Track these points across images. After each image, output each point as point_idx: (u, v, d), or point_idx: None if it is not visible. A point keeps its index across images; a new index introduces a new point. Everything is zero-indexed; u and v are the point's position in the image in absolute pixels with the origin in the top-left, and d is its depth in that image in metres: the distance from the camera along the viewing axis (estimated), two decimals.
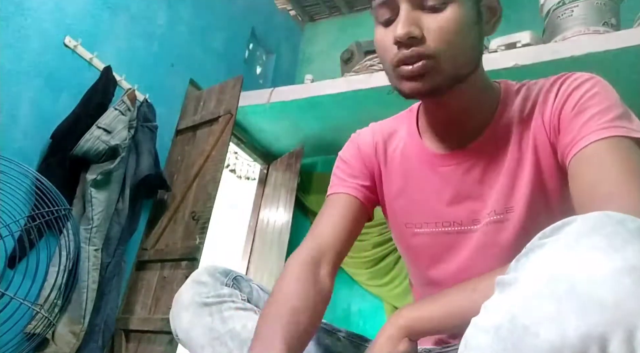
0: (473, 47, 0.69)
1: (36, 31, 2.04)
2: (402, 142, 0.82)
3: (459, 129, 0.75)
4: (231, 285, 0.78)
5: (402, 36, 0.64)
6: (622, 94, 0.68)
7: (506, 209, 0.71)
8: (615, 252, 0.37)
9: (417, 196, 0.79)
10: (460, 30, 0.66)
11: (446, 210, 0.76)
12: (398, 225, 0.83)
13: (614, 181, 0.58)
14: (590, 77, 0.69)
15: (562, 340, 0.36)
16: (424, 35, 0.65)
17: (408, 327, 0.62)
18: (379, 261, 3.03)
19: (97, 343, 2.02)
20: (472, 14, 0.67)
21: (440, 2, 0.65)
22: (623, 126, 0.62)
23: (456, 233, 0.75)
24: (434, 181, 0.77)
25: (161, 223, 2.47)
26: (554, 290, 0.38)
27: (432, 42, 0.65)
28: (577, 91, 0.68)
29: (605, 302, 0.35)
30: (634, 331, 0.34)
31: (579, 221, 0.42)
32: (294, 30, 4.14)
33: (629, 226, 0.39)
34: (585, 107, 0.65)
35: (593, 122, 0.63)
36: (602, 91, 0.67)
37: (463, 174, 0.74)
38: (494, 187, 0.72)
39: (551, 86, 0.72)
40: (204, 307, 0.74)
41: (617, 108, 0.65)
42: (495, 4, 0.73)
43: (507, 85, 0.77)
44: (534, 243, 0.44)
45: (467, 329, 0.44)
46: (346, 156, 0.88)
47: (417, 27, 0.65)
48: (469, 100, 0.73)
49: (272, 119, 3.17)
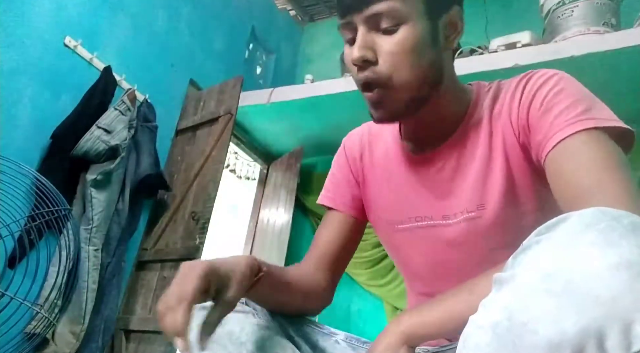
0: (428, 68, 0.69)
1: (36, 31, 2.04)
2: (386, 144, 0.86)
3: (431, 134, 0.77)
4: None
5: (356, 59, 0.67)
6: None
7: (477, 206, 0.72)
8: (611, 247, 0.38)
9: (397, 195, 0.81)
10: (412, 52, 0.67)
11: (421, 206, 0.78)
12: (381, 223, 0.85)
13: (593, 174, 0.58)
14: (554, 74, 0.69)
15: (560, 336, 0.36)
16: (377, 58, 0.68)
17: (407, 333, 0.62)
18: (379, 261, 3.04)
19: (97, 343, 2.02)
20: (427, 34, 0.68)
21: (392, 24, 0.67)
22: (592, 117, 0.62)
23: (428, 227, 0.77)
24: (411, 181, 0.80)
25: (161, 223, 2.47)
26: (551, 286, 0.38)
27: (384, 65, 0.67)
28: (542, 88, 0.68)
29: (602, 297, 0.36)
30: (631, 325, 0.35)
31: (574, 218, 0.42)
32: (294, 30, 4.14)
33: (623, 222, 0.40)
34: (553, 104, 0.66)
35: (562, 118, 0.64)
36: (567, 86, 0.67)
37: (436, 174, 0.77)
38: (464, 185, 0.74)
39: (517, 85, 0.72)
40: (202, 310, 0.74)
41: (584, 101, 0.65)
42: (456, 19, 0.72)
43: (479, 86, 0.78)
44: (530, 240, 0.44)
45: (465, 327, 0.44)
46: (336, 164, 0.93)
47: (370, 50, 0.67)
48: (438, 112, 0.75)
49: (272, 119, 3.17)
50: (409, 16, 0.67)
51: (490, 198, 0.71)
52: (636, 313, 0.35)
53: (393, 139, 0.84)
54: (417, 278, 0.84)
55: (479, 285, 0.59)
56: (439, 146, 0.76)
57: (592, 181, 0.58)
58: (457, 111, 0.76)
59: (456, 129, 0.75)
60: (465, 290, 0.61)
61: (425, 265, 0.80)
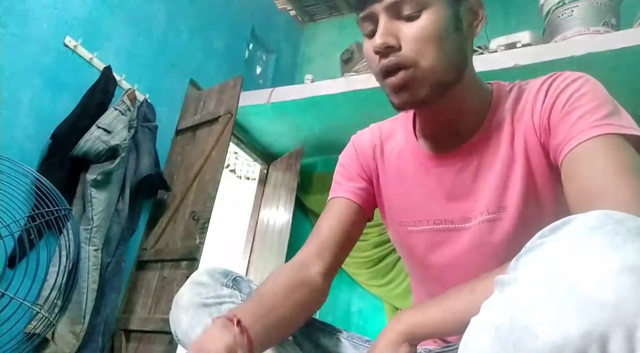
0: (453, 52, 0.68)
1: (36, 31, 2.04)
2: (400, 143, 0.84)
3: (451, 132, 0.75)
4: (231, 285, 0.78)
5: (379, 46, 0.67)
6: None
7: (499, 208, 0.72)
8: (615, 251, 0.37)
9: (411, 195, 0.80)
10: (436, 37, 0.66)
11: (438, 209, 0.77)
12: (394, 224, 0.84)
13: (607, 179, 0.58)
14: (578, 77, 0.69)
15: (563, 340, 0.36)
16: (400, 44, 0.67)
17: (408, 331, 0.63)
18: (379, 261, 3.03)
19: (97, 343, 2.02)
20: (449, 20, 0.68)
21: (415, 10, 0.66)
22: (612, 123, 0.62)
23: (448, 230, 0.76)
24: (427, 182, 0.78)
25: (161, 223, 2.47)
26: (554, 289, 0.38)
27: (408, 51, 0.66)
28: (566, 91, 0.68)
29: (605, 302, 0.35)
30: (634, 330, 0.34)
31: (578, 220, 0.42)
32: (294, 30, 4.14)
33: (628, 225, 0.39)
34: (574, 107, 0.65)
35: (583, 121, 0.63)
36: (591, 90, 0.67)
37: (455, 175, 0.75)
38: (486, 187, 0.73)
39: (540, 87, 0.72)
40: (204, 308, 0.74)
41: (606, 106, 0.64)
42: (477, 7, 0.72)
43: (500, 86, 0.77)
44: (533, 242, 0.44)
45: (467, 329, 0.44)
46: (345, 160, 0.90)
47: (393, 36, 0.67)
48: (460, 104, 0.73)
49: (272, 119, 3.17)
50: (431, 2, 0.66)
51: (512, 200, 0.71)
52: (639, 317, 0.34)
53: (406, 138, 0.82)
54: (432, 280, 0.82)
55: (481, 285, 0.59)
56: (460, 145, 0.75)
57: (604, 186, 0.57)
58: (478, 109, 0.75)
59: (478, 129, 0.74)
60: (467, 290, 0.61)
61: (442, 268, 0.78)
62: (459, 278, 0.76)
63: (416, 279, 0.88)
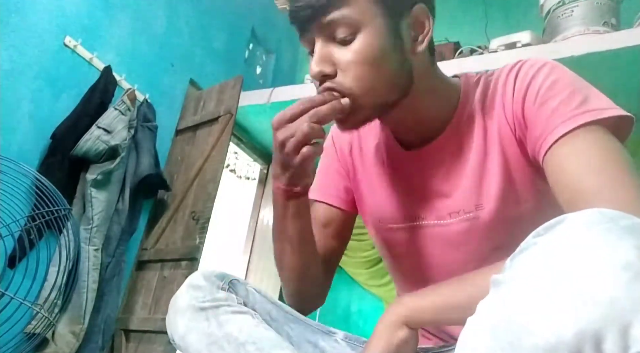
0: (393, 74, 0.66)
1: (36, 31, 2.04)
2: (377, 138, 0.83)
3: (419, 131, 0.74)
4: (227, 288, 0.78)
5: (314, 75, 0.66)
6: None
7: (475, 206, 0.71)
8: (609, 249, 0.37)
9: (388, 193, 0.80)
10: (371, 62, 0.64)
11: (414, 207, 0.76)
12: (373, 221, 0.84)
13: (594, 175, 0.57)
14: (544, 63, 0.67)
15: (558, 337, 0.36)
16: (336, 70, 0.65)
17: (408, 315, 0.63)
18: (379, 261, 3.03)
19: (97, 343, 2.02)
20: (387, 39, 0.64)
21: (349, 33, 0.64)
22: (590, 109, 0.61)
23: (423, 228, 0.76)
24: (402, 179, 0.78)
25: (161, 223, 2.47)
26: (549, 287, 0.38)
27: (343, 79, 0.64)
28: (535, 80, 0.66)
29: (599, 299, 0.35)
30: (628, 328, 0.34)
31: (571, 219, 0.42)
32: (294, 30, 4.13)
33: (621, 223, 0.39)
34: (548, 98, 0.63)
35: (559, 112, 0.62)
36: (561, 77, 0.65)
37: (428, 171, 0.75)
38: (460, 184, 0.72)
39: (507, 76, 0.70)
40: (200, 312, 0.73)
41: (580, 92, 0.63)
42: (423, 17, 0.68)
43: (467, 78, 0.75)
44: (527, 241, 0.44)
45: (463, 329, 0.44)
46: (326, 156, 0.90)
47: (328, 63, 0.65)
48: (415, 112, 0.71)
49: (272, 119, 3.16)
50: (365, 23, 0.63)
51: (488, 198, 0.70)
52: (634, 315, 0.34)
53: (383, 131, 0.81)
54: (411, 281, 0.82)
55: (480, 279, 0.59)
56: (430, 142, 0.74)
57: (594, 182, 0.57)
58: (444, 107, 0.73)
59: (446, 125, 0.73)
60: (468, 281, 0.61)
61: (420, 267, 0.79)
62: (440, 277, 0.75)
63: (397, 280, 0.88)
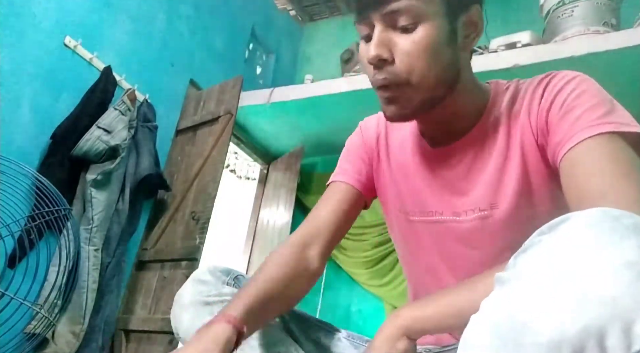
0: (445, 68, 0.68)
1: (36, 31, 2.04)
2: (403, 134, 0.85)
3: (447, 129, 0.76)
4: (232, 284, 0.79)
5: (372, 59, 0.66)
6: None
7: (490, 205, 0.72)
8: (613, 248, 0.38)
9: (410, 186, 0.81)
10: (430, 52, 0.66)
11: (431, 201, 0.78)
12: (393, 211, 0.85)
13: (607, 178, 0.58)
14: (575, 76, 0.69)
15: (561, 335, 0.36)
16: (394, 57, 0.66)
17: (407, 326, 0.63)
18: (379, 261, 3.04)
19: (97, 343, 2.02)
20: (445, 33, 0.67)
21: (411, 22, 0.65)
22: (612, 122, 0.62)
23: (438, 222, 0.77)
24: (425, 174, 0.79)
25: (161, 223, 2.47)
26: (552, 286, 0.38)
27: (401, 66, 0.66)
28: (563, 90, 0.68)
29: (602, 297, 0.36)
30: (631, 325, 0.35)
31: (575, 218, 0.42)
32: (294, 30, 4.14)
33: (625, 222, 0.40)
34: (572, 107, 0.65)
35: (581, 120, 0.63)
36: (588, 89, 0.67)
37: (450, 169, 0.76)
38: (478, 183, 0.73)
39: (537, 86, 0.72)
40: (205, 306, 0.74)
41: (605, 104, 0.64)
42: (476, 18, 0.71)
43: (497, 85, 0.78)
44: (532, 240, 0.44)
45: (467, 327, 0.44)
46: (350, 143, 0.92)
47: (387, 49, 0.66)
48: (453, 110, 0.74)
49: (272, 119, 3.17)
50: (428, 15, 0.65)
51: (504, 198, 0.71)
52: (637, 312, 0.35)
53: (410, 130, 0.83)
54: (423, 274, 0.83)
55: (481, 283, 0.59)
56: (455, 142, 0.76)
57: (603, 186, 0.57)
58: (474, 109, 0.75)
59: (473, 127, 0.75)
60: (467, 287, 0.61)
61: (433, 260, 0.79)
62: (449, 272, 0.77)
63: (410, 273, 0.89)
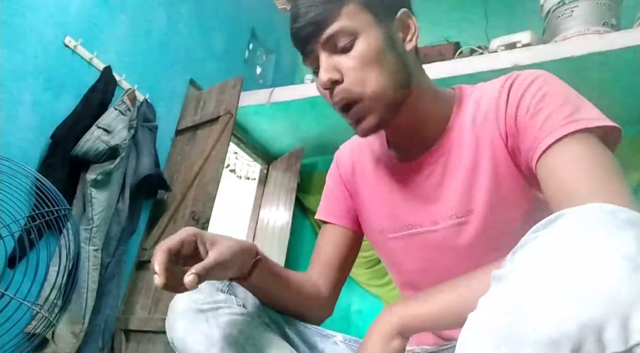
0: (394, 72, 0.70)
1: (36, 31, 2.04)
2: (375, 153, 0.87)
3: (416, 140, 0.77)
4: (226, 290, 0.78)
5: (324, 83, 0.70)
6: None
7: (467, 211, 0.72)
8: (609, 241, 0.38)
9: (388, 204, 0.82)
10: (373, 62, 0.68)
11: (411, 214, 0.79)
12: (373, 233, 0.86)
13: (590, 175, 0.58)
14: (538, 75, 0.69)
15: (560, 331, 0.36)
16: (343, 77, 0.69)
17: (401, 324, 0.62)
18: (379, 261, 3.03)
19: (97, 343, 2.02)
20: (382, 41, 0.69)
21: (348, 40, 0.69)
22: (581, 119, 0.62)
23: (419, 234, 0.78)
24: (400, 189, 0.80)
25: (161, 223, 2.47)
26: (549, 281, 0.38)
27: (351, 82, 0.69)
28: (528, 92, 0.68)
29: (600, 291, 0.36)
30: (629, 319, 0.35)
31: (571, 213, 0.42)
32: None
33: (621, 217, 0.40)
34: (540, 108, 0.65)
35: (550, 121, 0.63)
36: (553, 88, 0.67)
37: (423, 181, 0.77)
38: (452, 190, 0.74)
39: (501, 89, 0.72)
40: (200, 314, 0.74)
41: (571, 102, 0.64)
42: (406, 19, 0.74)
43: (461, 90, 0.79)
44: (528, 236, 0.44)
45: (465, 324, 0.44)
46: (330, 180, 0.95)
47: (335, 71, 0.70)
48: (417, 113, 0.75)
49: (272, 119, 3.17)
50: (360, 30, 0.69)
51: (479, 203, 0.71)
52: (634, 306, 0.35)
53: (381, 148, 0.85)
54: (411, 286, 0.84)
55: (476, 280, 0.59)
56: (424, 152, 0.77)
57: (587, 185, 0.58)
58: (439, 115, 0.76)
59: (440, 135, 0.76)
60: (462, 284, 0.61)
61: (418, 272, 0.80)
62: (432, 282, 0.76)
63: (400, 287, 0.90)
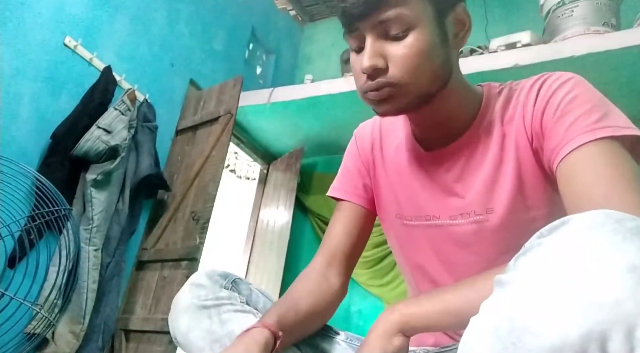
0: (440, 66, 0.68)
1: (36, 31, 2.04)
2: (398, 139, 0.85)
3: (441, 132, 0.76)
4: (230, 287, 0.78)
5: (366, 68, 0.67)
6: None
7: (486, 210, 0.72)
8: (615, 251, 0.37)
9: (406, 191, 0.81)
10: (423, 56, 0.66)
11: (428, 205, 0.78)
12: (388, 215, 0.85)
13: (607, 183, 0.57)
14: (569, 78, 0.68)
15: (562, 339, 0.36)
16: (387, 65, 0.67)
17: (403, 322, 0.62)
18: (379, 261, 3.03)
19: (97, 343, 2.02)
20: (436, 36, 0.67)
21: (401, 30, 0.65)
22: (608, 126, 0.61)
23: (436, 227, 0.77)
24: (420, 178, 0.79)
25: (161, 223, 2.47)
26: (553, 289, 0.38)
27: (395, 71, 0.66)
28: (557, 93, 0.67)
29: (604, 301, 0.35)
30: (634, 329, 0.34)
31: (576, 220, 0.41)
32: (294, 30, 4.14)
33: (627, 225, 0.39)
34: (567, 111, 0.64)
35: (577, 125, 0.62)
36: (583, 92, 0.66)
37: (443, 173, 0.76)
38: (473, 187, 0.73)
39: (531, 88, 0.71)
40: (203, 310, 0.74)
41: (600, 108, 0.63)
42: (463, 16, 0.71)
43: (490, 88, 0.77)
44: (532, 242, 0.43)
45: (466, 329, 0.44)
46: (348, 156, 0.92)
47: (380, 58, 0.66)
48: (446, 107, 0.73)
49: (272, 119, 3.17)
50: (417, 21, 0.65)
51: (499, 202, 0.70)
52: (639, 317, 0.34)
53: (405, 134, 0.83)
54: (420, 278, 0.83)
55: (479, 283, 0.59)
56: (448, 145, 0.75)
57: (602, 192, 0.57)
58: (466, 111, 0.75)
59: (466, 130, 0.74)
60: (465, 286, 0.61)
61: (431, 265, 0.79)
62: (448, 276, 0.77)
63: (408, 277, 0.89)
